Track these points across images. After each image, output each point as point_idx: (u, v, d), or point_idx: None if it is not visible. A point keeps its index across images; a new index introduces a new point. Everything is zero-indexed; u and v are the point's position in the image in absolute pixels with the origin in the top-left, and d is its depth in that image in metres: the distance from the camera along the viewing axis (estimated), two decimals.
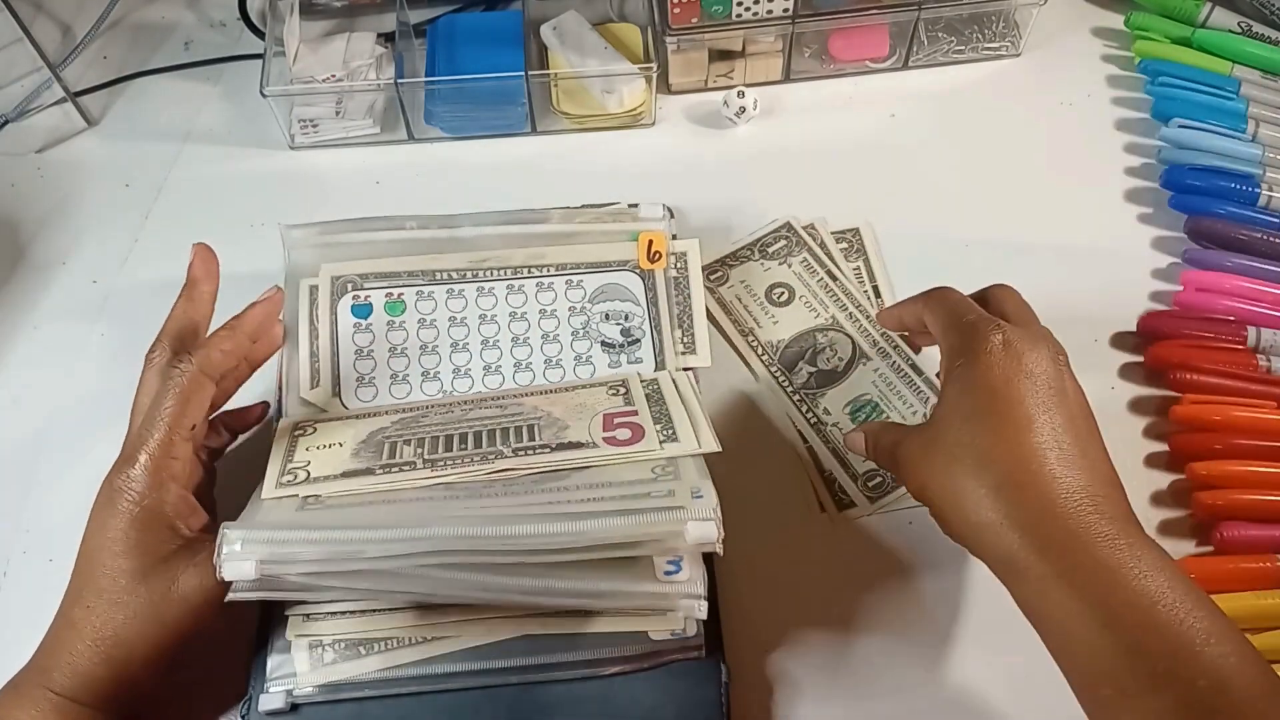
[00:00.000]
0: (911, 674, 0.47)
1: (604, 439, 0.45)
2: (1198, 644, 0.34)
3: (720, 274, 0.58)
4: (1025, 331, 0.41)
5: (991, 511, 0.38)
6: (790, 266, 0.58)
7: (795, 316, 0.56)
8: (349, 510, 0.42)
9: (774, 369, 0.55)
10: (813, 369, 0.55)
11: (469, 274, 0.54)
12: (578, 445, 0.45)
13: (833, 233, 0.59)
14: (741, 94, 0.63)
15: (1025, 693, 0.46)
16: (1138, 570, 0.36)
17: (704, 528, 0.38)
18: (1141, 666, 0.35)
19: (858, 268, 0.58)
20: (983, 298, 0.46)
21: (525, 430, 0.46)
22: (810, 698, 0.46)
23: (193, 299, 0.47)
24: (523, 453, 0.44)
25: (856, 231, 0.59)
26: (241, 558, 0.38)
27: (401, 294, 0.54)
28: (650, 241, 0.55)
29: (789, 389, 0.54)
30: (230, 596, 0.39)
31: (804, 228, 0.59)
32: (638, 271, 0.55)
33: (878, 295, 0.57)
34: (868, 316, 0.56)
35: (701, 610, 0.40)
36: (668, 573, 0.40)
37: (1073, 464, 0.38)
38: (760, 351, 0.55)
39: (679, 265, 0.55)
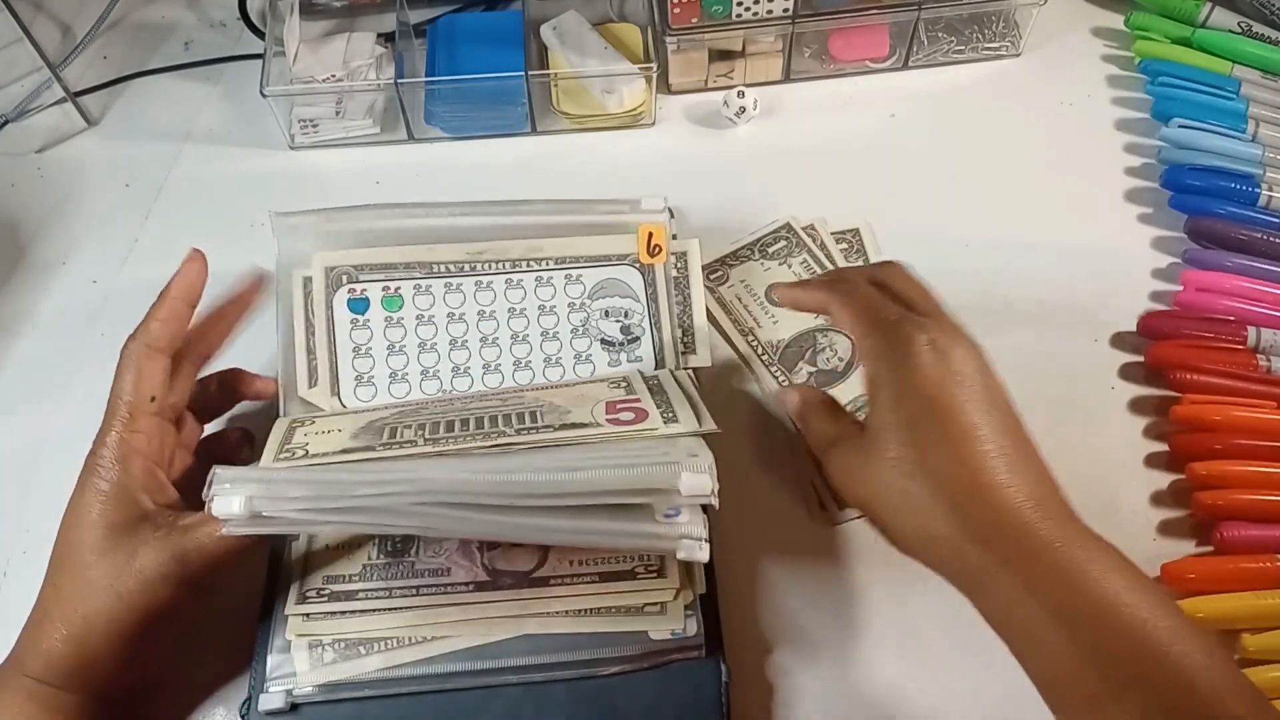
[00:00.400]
0: (912, 674, 0.47)
1: (607, 420, 0.45)
2: (1162, 645, 0.34)
3: (720, 274, 0.58)
4: (944, 327, 0.41)
5: (947, 527, 0.38)
6: (790, 267, 0.58)
7: (795, 317, 0.56)
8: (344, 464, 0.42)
9: (774, 369, 0.55)
10: (813, 369, 0.55)
11: (466, 267, 0.54)
12: (581, 425, 0.45)
13: (833, 233, 0.59)
14: (741, 94, 0.63)
15: (1028, 693, 0.45)
16: (1095, 573, 0.36)
17: (698, 478, 0.38)
18: (1108, 672, 0.34)
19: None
20: (879, 279, 0.44)
21: (528, 415, 0.46)
22: (810, 698, 0.46)
23: (161, 300, 0.47)
24: (525, 433, 0.44)
25: (856, 232, 0.59)
26: (230, 494, 0.38)
27: (399, 288, 0.53)
28: (650, 234, 0.54)
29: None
30: (224, 531, 0.39)
31: (804, 228, 0.59)
32: (638, 266, 0.54)
33: None
34: None
35: (703, 551, 0.39)
36: (668, 515, 0.39)
37: (1017, 469, 0.38)
38: (760, 351, 0.55)
39: (679, 265, 0.55)
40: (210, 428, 0.50)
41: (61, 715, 0.40)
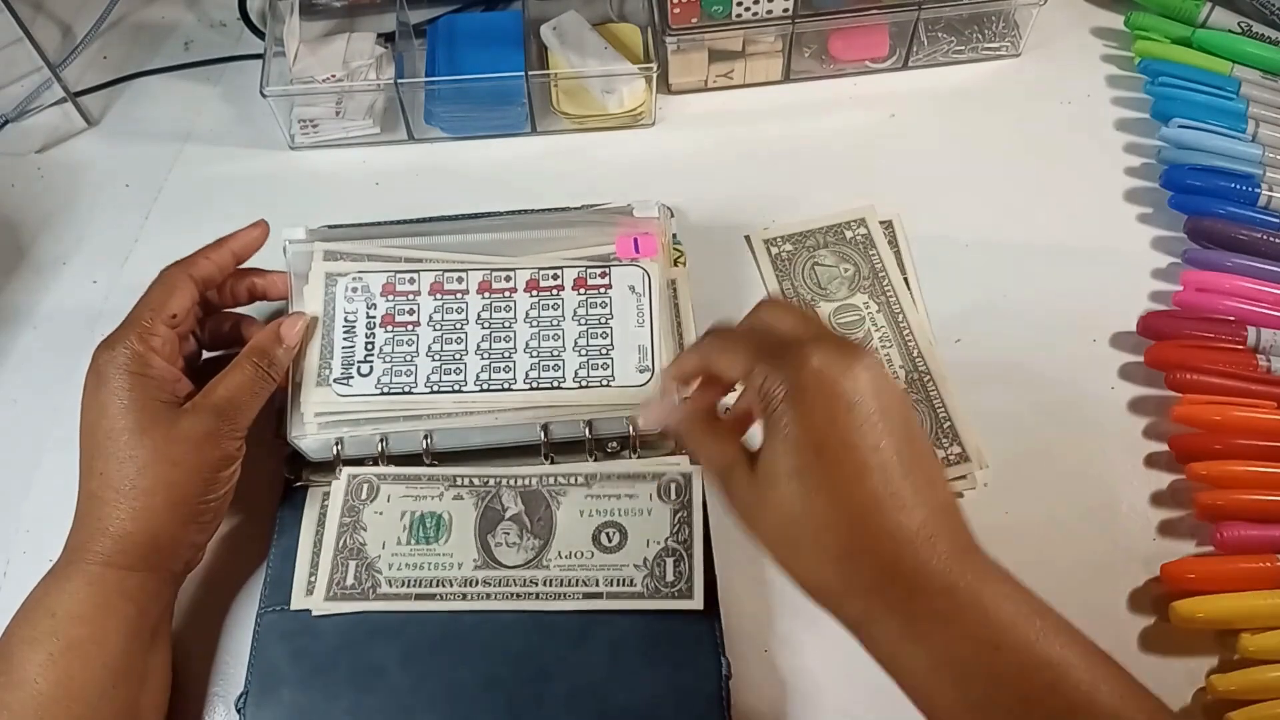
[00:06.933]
0: None
1: None
2: (1046, 682, 0.33)
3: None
4: (829, 351, 0.37)
5: (835, 579, 0.36)
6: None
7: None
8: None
9: None
10: None
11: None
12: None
13: (839, 224, 0.59)
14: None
15: None
16: (976, 615, 0.34)
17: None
18: (995, 717, 0.34)
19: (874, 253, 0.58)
20: (752, 322, 0.41)
21: None
22: (810, 694, 0.46)
23: (215, 244, 0.50)
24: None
25: (862, 220, 0.59)
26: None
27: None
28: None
29: None
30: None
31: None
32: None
33: (908, 288, 0.57)
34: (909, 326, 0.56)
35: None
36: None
37: (904, 503, 0.36)
38: None
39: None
40: None
41: (128, 597, 0.42)
